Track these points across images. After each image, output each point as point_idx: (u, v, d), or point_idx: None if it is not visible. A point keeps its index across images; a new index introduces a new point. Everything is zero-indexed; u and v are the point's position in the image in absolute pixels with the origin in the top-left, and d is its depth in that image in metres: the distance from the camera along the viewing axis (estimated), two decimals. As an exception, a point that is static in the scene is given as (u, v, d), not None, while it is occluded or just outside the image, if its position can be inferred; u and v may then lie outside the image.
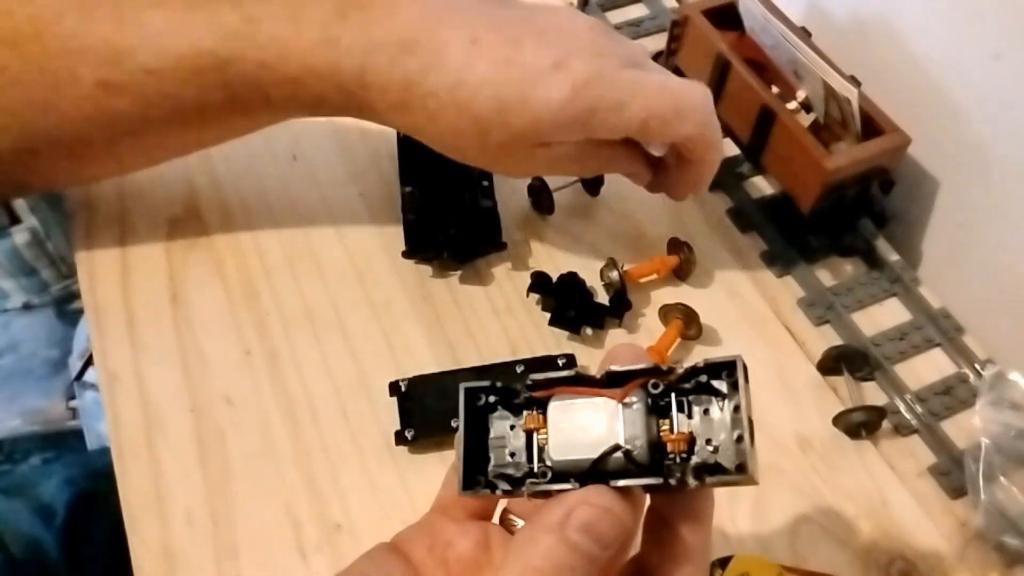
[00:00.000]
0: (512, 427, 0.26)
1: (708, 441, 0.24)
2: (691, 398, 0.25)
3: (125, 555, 0.39)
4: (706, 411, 0.25)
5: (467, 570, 0.27)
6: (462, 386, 0.26)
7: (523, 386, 0.26)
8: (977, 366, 0.46)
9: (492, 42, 0.38)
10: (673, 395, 0.25)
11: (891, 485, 0.43)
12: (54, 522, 0.58)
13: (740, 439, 0.24)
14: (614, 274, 0.46)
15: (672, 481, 0.23)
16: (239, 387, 0.44)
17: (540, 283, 0.47)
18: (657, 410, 0.25)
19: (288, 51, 0.39)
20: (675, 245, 0.49)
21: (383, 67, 0.38)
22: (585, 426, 0.24)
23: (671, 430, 0.24)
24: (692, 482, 0.23)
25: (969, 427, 0.44)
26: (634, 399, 0.24)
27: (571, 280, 0.47)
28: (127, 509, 0.40)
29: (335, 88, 0.39)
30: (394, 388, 0.43)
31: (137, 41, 0.39)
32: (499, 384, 0.26)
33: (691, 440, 0.24)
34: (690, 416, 0.25)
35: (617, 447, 0.24)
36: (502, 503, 0.30)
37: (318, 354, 0.45)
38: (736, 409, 0.24)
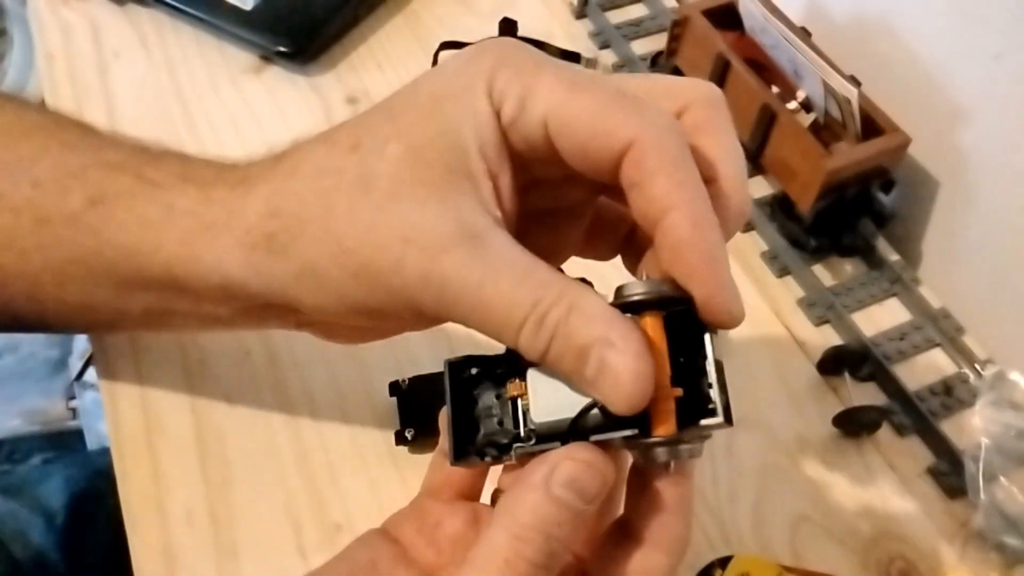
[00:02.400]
0: (498, 396, 0.27)
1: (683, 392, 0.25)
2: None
3: (125, 555, 0.39)
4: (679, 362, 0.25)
5: (457, 547, 0.28)
6: (446, 361, 0.27)
7: (504, 356, 0.27)
8: (977, 366, 0.46)
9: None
10: None
11: (891, 485, 0.43)
12: (54, 522, 0.58)
13: (711, 386, 0.24)
14: None
15: (643, 431, 0.24)
16: (239, 387, 0.44)
17: None
18: None
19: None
20: None
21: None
22: (563, 388, 0.25)
23: None
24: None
25: (969, 427, 0.44)
26: None
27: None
28: (127, 509, 0.40)
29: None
30: (394, 388, 0.43)
31: None
32: (481, 355, 0.27)
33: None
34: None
35: (594, 403, 0.24)
36: (491, 484, 0.30)
37: (318, 354, 0.45)
38: (704, 358, 0.24)
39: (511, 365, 0.26)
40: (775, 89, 0.52)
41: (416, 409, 0.42)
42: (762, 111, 0.49)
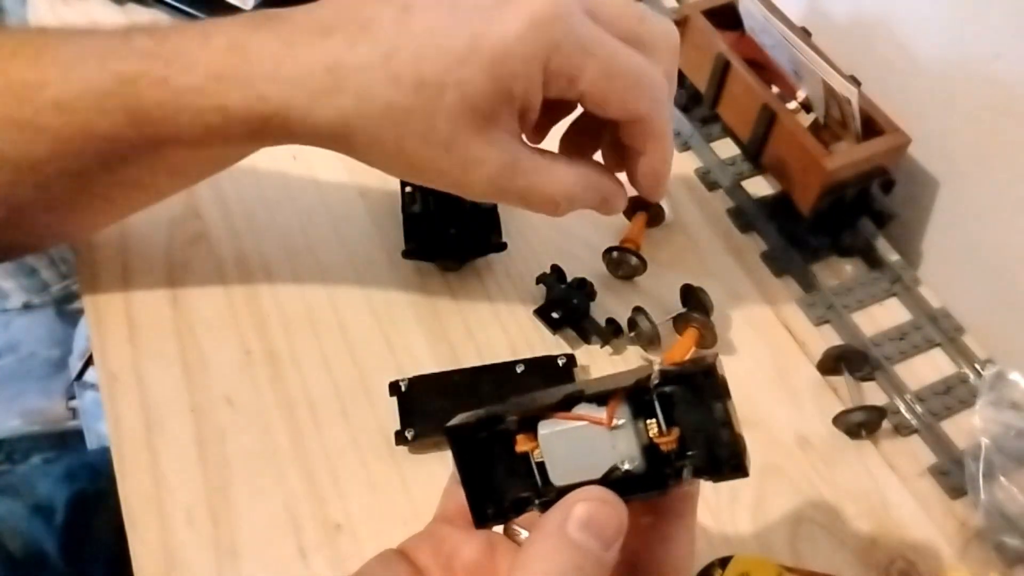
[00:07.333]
0: (508, 453, 0.26)
1: (695, 434, 0.25)
2: (670, 389, 0.25)
3: (125, 555, 0.39)
4: (688, 402, 0.25)
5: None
6: (446, 427, 0.26)
7: (500, 410, 0.26)
8: (977, 366, 0.46)
9: (427, 3, 0.34)
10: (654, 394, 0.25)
11: (891, 485, 0.43)
12: (54, 522, 0.58)
13: (728, 435, 0.24)
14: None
15: (671, 485, 0.24)
16: (239, 387, 0.44)
17: (551, 277, 0.47)
18: (642, 410, 0.25)
19: (193, 61, 0.35)
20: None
21: (302, 54, 0.34)
22: (581, 450, 0.25)
23: (659, 430, 0.25)
24: (688, 478, 0.24)
25: (969, 427, 0.44)
26: (621, 420, 0.25)
27: (579, 286, 0.47)
28: (127, 509, 0.40)
29: (244, 98, 0.34)
30: (394, 388, 0.43)
31: (50, 74, 0.36)
32: (483, 416, 0.26)
33: (681, 437, 0.25)
34: (673, 407, 0.25)
35: (616, 468, 0.24)
36: None
37: (318, 354, 0.45)
38: (720, 407, 0.24)
39: (511, 419, 0.26)
40: (775, 89, 0.52)
41: (416, 409, 0.42)
42: (762, 111, 0.49)
